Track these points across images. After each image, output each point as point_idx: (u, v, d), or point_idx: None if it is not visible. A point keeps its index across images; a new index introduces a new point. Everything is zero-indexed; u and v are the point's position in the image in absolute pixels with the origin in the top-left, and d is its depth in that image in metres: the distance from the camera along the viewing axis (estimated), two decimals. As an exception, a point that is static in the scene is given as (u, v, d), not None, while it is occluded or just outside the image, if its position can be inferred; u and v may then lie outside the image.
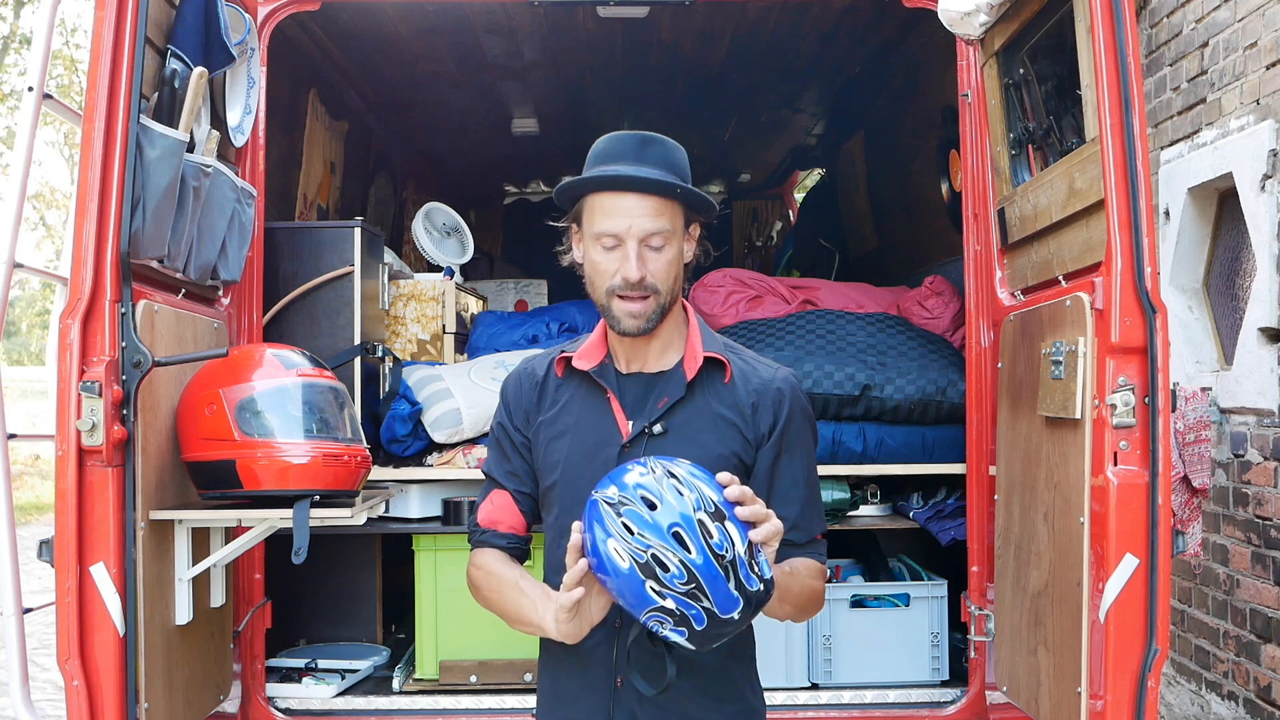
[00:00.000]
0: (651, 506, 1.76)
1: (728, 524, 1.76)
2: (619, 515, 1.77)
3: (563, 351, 2.18)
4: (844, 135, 6.45)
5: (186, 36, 2.98)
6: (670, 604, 1.74)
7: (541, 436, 2.15)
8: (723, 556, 1.74)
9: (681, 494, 1.76)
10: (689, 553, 1.73)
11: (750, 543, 1.77)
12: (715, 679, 2.07)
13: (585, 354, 2.14)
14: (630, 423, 2.08)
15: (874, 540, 4.24)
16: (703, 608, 1.74)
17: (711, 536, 1.74)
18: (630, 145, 2.05)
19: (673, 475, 1.79)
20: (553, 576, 2.12)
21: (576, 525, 1.86)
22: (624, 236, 2.01)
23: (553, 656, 2.15)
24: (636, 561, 1.74)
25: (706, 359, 2.11)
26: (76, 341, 2.58)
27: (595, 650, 2.06)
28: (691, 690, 2.04)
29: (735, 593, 1.75)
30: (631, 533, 1.75)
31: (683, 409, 2.08)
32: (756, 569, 1.77)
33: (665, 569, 1.73)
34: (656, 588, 1.74)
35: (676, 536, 1.74)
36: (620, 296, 2.03)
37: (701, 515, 1.75)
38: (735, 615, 1.76)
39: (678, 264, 2.07)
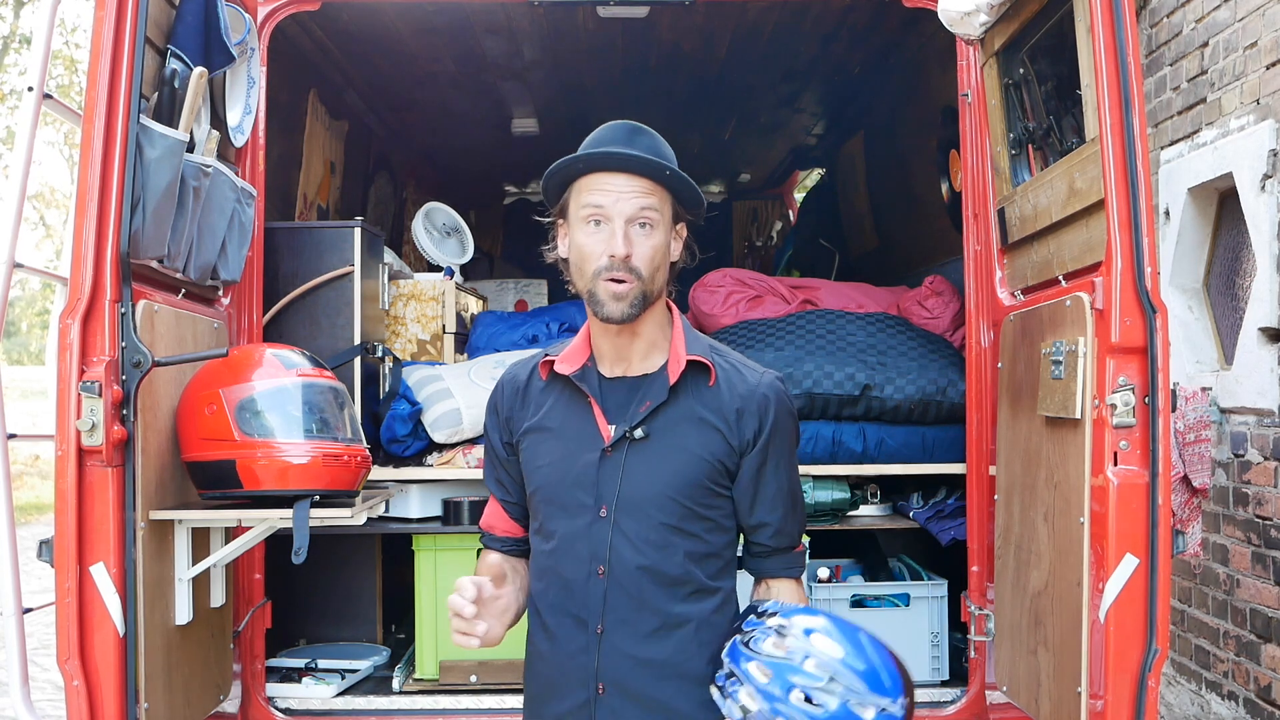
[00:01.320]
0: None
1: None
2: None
3: (546, 355, 2.16)
4: (844, 135, 6.45)
5: (186, 36, 2.98)
6: None
7: (525, 442, 2.13)
8: None
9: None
10: None
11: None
12: (699, 685, 2.05)
13: (568, 357, 2.12)
14: (612, 427, 2.06)
15: (874, 540, 4.24)
16: None
17: None
18: (621, 133, 2.05)
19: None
20: (535, 583, 2.14)
21: (468, 582, 1.90)
22: (610, 213, 1.98)
23: (535, 660, 2.15)
24: None
25: (692, 362, 2.08)
26: (76, 341, 2.57)
27: (576, 657, 2.05)
28: (675, 695, 2.04)
29: None
30: None
31: (665, 413, 2.06)
32: None
33: None
34: None
35: None
36: (605, 279, 1.99)
37: None
38: None
39: (664, 253, 2.04)
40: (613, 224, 1.99)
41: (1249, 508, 3.76)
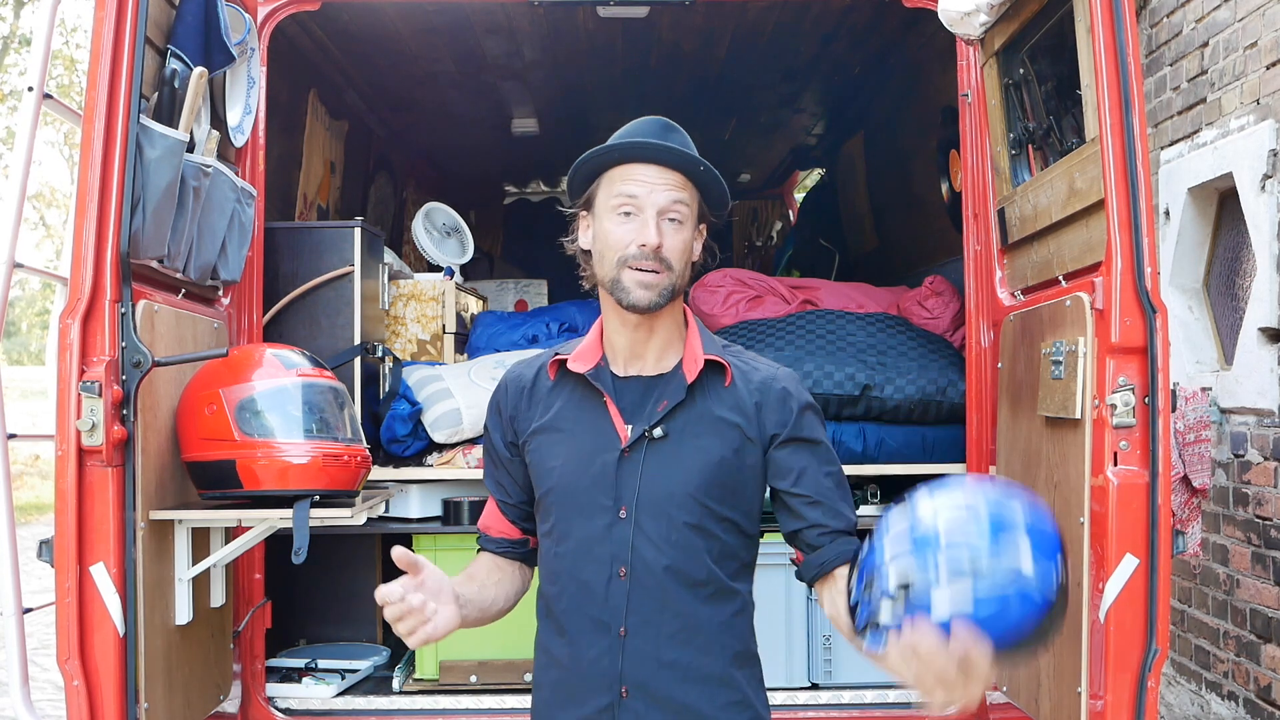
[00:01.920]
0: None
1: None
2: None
3: (556, 354, 2.11)
4: (844, 135, 6.45)
5: (186, 36, 2.98)
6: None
7: (533, 443, 2.09)
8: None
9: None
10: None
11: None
12: (723, 688, 2.03)
13: (580, 356, 2.08)
14: (629, 427, 2.02)
15: (874, 540, 4.23)
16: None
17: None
18: (655, 127, 2.04)
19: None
20: (548, 587, 2.10)
21: (399, 552, 1.81)
22: (643, 204, 1.97)
23: (549, 666, 2.09)
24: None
25: (708, 362, 2.05)
26: (76, 341, 2.57)
27: (598, 661, 2.01)
28: (700, 699, 2.00)
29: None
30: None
31: (683, 412, 2.02)
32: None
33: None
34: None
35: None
36: (633, 267, 1.98)
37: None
38: None
39: (690, 250, 2.04)
40: (644, 215, 1.98)
41: (1249, 508, 3.76)
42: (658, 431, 2.01)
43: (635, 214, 1.99)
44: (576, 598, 2.03)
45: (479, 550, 2.23)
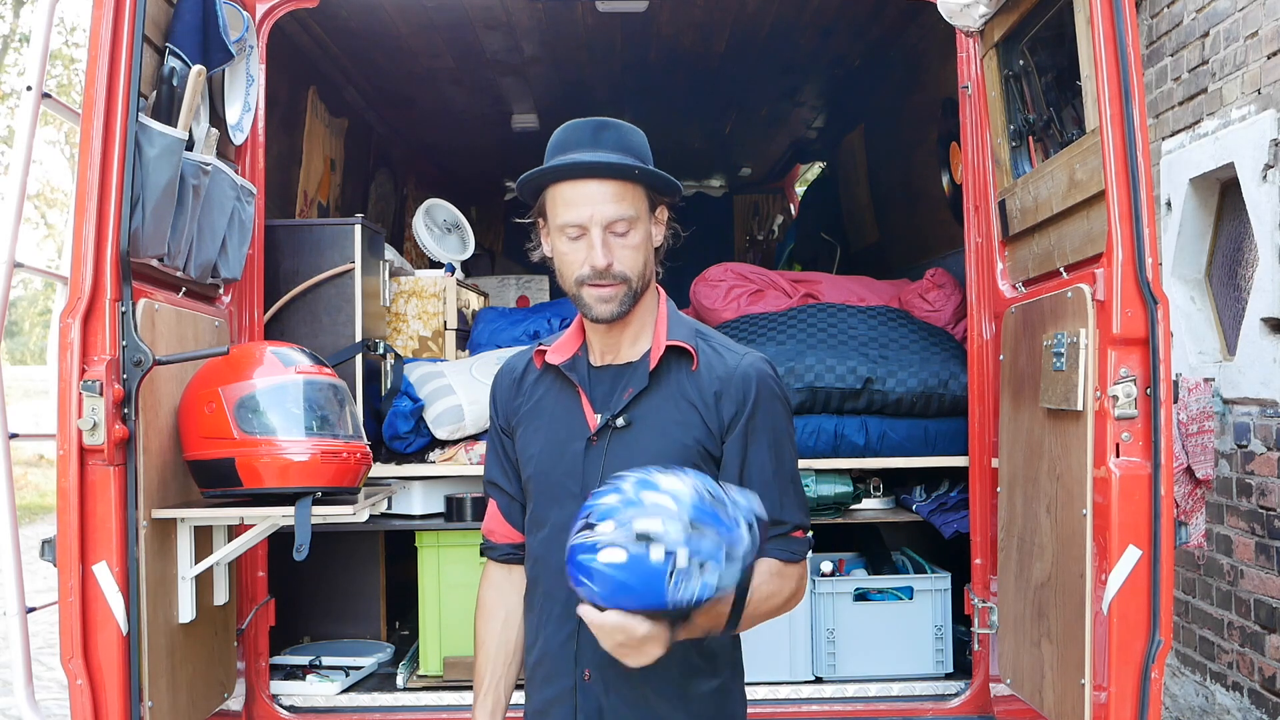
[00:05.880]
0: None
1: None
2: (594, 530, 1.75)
3: (541, 345, 2.19)
4: (844, 128, 6.44)
5: (185, 34, 2.98)
6: (683, 555, 1.69)
7: (519, 430, 2.16)
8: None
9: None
10: (674, 518, 1.71)
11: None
12: (683, 678, 2.05)
13: (559, 348, 2.14)
14: (598, 416, 2.07)
15: (877, 533, 4.24)
16: (716, 540, 1.72)
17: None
18: (586, 132, 2.04)
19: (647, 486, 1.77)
20: (530, 569, 2.16)
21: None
22: (587, 225, 1.99)
23: (531, 645, 2.17)
24: (632, 541, 1.71)
25: (674, 347, 2.08)
26: (77, 340, 2.57)
27: (565, 644, 2.07)
28: (661, 686, 2.03)
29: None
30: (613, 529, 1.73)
31: (648, 399, 2.05)
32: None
33: (659, 531, 1.71)
34: (660, 548, 1.70)
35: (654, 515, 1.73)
36: (589, 284, 2.01)
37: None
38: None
39: (646, 249, 2.05)
40: (590, 235, 1.99)
41: (1252, 498, 3.76)
42: (621, 420, 2.05)
43: (583, 234, 2.00)
44: (549, 583, 2.08)
45: (484, 556, 2.25)
